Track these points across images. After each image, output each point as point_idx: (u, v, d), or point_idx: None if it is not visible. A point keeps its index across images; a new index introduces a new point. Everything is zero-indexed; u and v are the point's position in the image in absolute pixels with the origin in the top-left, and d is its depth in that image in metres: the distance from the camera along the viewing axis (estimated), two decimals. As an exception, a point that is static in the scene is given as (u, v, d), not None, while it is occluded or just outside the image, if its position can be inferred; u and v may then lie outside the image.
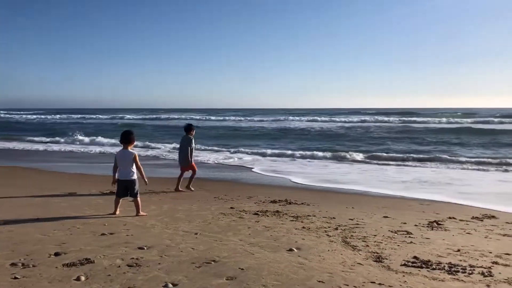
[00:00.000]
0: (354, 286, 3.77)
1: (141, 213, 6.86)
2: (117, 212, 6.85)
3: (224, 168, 14.90)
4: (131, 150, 6.94)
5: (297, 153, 18.84)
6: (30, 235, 5.39)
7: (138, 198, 6.90)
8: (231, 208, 7.62)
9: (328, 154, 18.21)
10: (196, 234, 5.62)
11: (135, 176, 6.88)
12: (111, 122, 54.13)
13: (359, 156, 17.63)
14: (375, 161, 16.51)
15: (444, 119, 48.07)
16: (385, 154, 17.99)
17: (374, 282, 3.88)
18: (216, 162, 16.56)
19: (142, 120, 61.49)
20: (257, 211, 7.26)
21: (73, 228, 5.80)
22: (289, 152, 19.26)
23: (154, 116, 70.96)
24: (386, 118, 52.31)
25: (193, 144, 9.97)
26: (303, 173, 13.51)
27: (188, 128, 9.98)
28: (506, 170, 14.04)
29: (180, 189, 9.71)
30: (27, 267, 4.15)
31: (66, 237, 5.34)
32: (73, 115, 74.45)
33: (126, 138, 6.92)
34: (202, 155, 18.44)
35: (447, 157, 17.04)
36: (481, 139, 25.89)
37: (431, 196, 9.68)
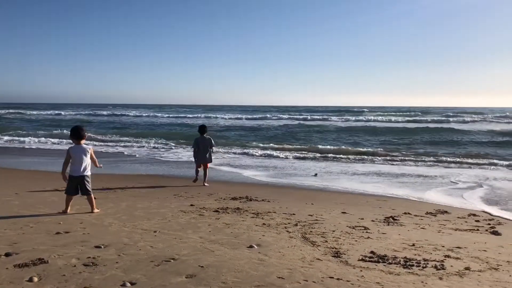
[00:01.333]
0: (313, 282, 3.82)
1: (96, 210, 6.71)
2: (68, 211, 6.64)
3: (180, 164, 14.72)
4: (86, 145, 6.79)
5: (255, 151, 18.91)
6: (-21, 235, 5.15)
7: (92, 194, 6.75)
8: (191, 205, 7.55)
9: (292, 153, 18.40)
10: (155, 232, 5.53)
11: (89, 172, 6.73)
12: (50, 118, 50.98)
13: (315, 152, 18.07)
14: (331, 157, 16.82)
15: (400, 118, 49.44)
16: (341, 153, 18.31)
17: (333, 277, 3.94)
18: (172, 159, 16.40)
19: (82, 115, 57.35)
20: (218, 208, 7.23)
21: (25, 227, 5.58)
22: (243, 149, 19.42)
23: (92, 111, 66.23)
24: (339, 117, 53.03)
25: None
26: (261, 168, 13.56)
27: (205, 129, 10.79)
28: (459, 167, 14.61)
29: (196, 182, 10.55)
30: (-24, 268, 3.97)
31: (18, 236, 5.13)
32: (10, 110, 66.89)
33: (78, 134, 6.73)
34: (156, 152, 18.22)
35: (400, 154, 17.58)
36: (432, 137, 26.85)
37: (387, 192, 9.95)
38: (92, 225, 5.81)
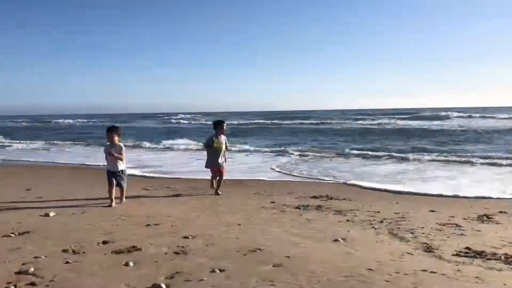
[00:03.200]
0: (405, 274, 3.66)
1: (124, 200, 7.33)
2: (113, 204, 7.05)
3: (256, 167, 14.77)
4: (119, 143, 7.33)
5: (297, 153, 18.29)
6: (79, 225, 5.54)
7: (125, 187, 7.37)
8: (272, 202, 7.56)
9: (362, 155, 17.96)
10: (239, 225, 5.61)
11: (123, 167, 7.32)
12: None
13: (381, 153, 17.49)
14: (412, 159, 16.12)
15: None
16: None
17: (426, 270, 3.75)
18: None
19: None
20: (299, 205, 7.18)
21: (118, 220, 5.91)
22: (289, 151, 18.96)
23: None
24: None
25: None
26: (336, 170, 13.27)
27: (222, 125, 8.67)
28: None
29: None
30: (78, 253, 4.26)
31: (112, 227, 5.44)
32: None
33: (111, 134, 7.25)
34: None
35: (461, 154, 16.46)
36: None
37: (479, 192, 9.31)
38: (179, 219, 6.03)
